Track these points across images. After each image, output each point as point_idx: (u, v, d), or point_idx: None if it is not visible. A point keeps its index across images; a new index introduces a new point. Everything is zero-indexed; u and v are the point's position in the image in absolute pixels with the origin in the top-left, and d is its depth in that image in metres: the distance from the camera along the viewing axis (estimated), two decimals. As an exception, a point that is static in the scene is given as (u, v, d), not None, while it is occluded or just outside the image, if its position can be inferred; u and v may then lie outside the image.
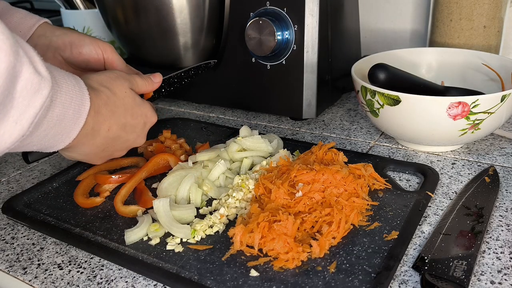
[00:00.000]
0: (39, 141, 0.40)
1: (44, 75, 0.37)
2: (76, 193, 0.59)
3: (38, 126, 0.38)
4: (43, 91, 0.36)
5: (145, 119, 0.53)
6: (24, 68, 0.35)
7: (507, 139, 0.69)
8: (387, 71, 0.62)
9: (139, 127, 0.52)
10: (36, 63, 0.36)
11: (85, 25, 0.99)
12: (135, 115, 0.51)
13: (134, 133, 0.52)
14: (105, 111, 0.46)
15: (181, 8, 0.77)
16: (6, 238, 0.54)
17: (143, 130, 0.54)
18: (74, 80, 0.42)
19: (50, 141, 0.41)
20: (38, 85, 0.36)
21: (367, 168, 0.56)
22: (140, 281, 0.46)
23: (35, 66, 0.36)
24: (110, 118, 0.47)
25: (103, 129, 0.47)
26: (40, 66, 0.37)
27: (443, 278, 0.41)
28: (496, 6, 0.76)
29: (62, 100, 0.40)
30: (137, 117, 0.51)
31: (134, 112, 0.51)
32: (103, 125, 0.46)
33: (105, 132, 0.47)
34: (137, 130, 0.52)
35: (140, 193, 0.58)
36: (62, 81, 0.40)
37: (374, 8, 1.00)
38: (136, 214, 0.55)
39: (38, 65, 0.36)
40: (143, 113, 0.52)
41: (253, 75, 0.76)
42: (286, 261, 0.44)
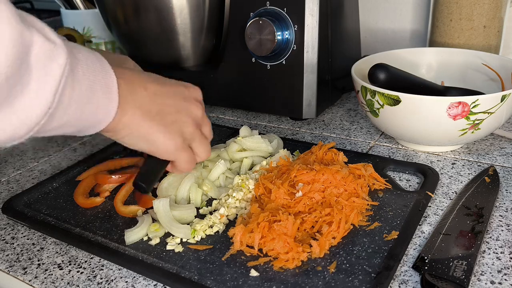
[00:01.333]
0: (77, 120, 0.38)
1: (57, 42, 0.35)
2: (76, 193, 0.59)
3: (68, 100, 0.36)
4: (59, 58, 0.34)
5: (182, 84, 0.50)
6: (34, 37, 0.33)
7: (507, 139, 0.69)
8: (387, 71, 0.62)
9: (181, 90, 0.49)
10: (45, 32, 0.34)
11: (85, 25, 0.99)
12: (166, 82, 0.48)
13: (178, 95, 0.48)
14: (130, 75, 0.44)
15: (181, 8, 0.77)
16: (6, 238, 0.54)
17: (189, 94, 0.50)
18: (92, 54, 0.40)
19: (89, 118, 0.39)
20: (52, 52, 0.34)
21: (367, 168, 0.57)
22: (140, 281, 0.46)
23: (45, 34, 0.34)
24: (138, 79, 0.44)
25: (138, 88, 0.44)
26: (51, 35, 0.35)
27: (443, 278, 0.41)
28: (496, 6, 0.76)
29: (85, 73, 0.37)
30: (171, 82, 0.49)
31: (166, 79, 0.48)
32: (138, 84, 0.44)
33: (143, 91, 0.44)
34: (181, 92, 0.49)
35: (140, 194, 0.58)
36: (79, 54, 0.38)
37: (374, 8, 1.00)
38: (136, 214, 0.55)
39: (48, 33, 0.35)
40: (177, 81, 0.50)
41: (253, 75, 0.76)
42: (286, 261, 0.44)
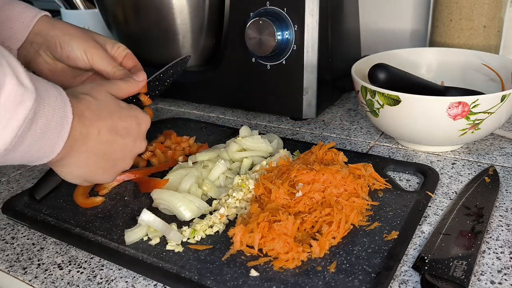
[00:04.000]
0: (22, 156, 0.39)
1: (28, 86, 0.36)
2: (76, 193, 0.59)
3: (21, 140, 0.37)
4: (27, 102, 0.35)
5: (137, 120, 0.51)
6: (7, 79, 0.34)
7: (507, 139, 0.69)
8: (387, 71, 0.62)
9: (133, 129, 0.50)
10: (19, 74, 0.35)
11: (85, 25, 0.99)
12: (123, 117, 0.49)
13: (129, 136, 0.50)
14: (89, 114, 0.45)
15: (181, 8, 0.77)
16: (6, 238, 0.54)
17: (139, 133, 0.52)
18: (56, 91, 0.41)
19: (34, 155, 0.40)
20: (22, 96, 0.35)
21: (367, 168, 0.57)
22: (140, 281, 0.46)
23: (18, 77, 0.35)
24: (96, 121, 0.46)
25: (92, 132, 0.45)
26: (24, 77, 0.35)
27: (443, 278, 0.41)
28: (496, 6, 0.76)
29: (45, 112, 0.39)
30: (126, 119, 0.49)
31: (122, 113, 0.49)
32: (91, 128, 0.45)
33: (96, 135, 0.46)
34: (132, 132, 0.50)
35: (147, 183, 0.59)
36: (45, 92, 0.39)
37: (374, 8, 1.00)
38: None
39: (21, 76, 0.35)
40: (132, 114, 0.50)
41: (253, 75, 0.76)
42: (286, 261, 0.44)
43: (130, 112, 0.50)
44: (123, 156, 0.50)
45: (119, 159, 0.50)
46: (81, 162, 0.46)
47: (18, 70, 0.35)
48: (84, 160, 0.46)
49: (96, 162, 0.47)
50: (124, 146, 0.50)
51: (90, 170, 0.48)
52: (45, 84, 0.40)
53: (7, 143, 0.35)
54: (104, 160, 0.48)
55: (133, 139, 0.51)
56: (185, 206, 0.52)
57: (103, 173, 0.49)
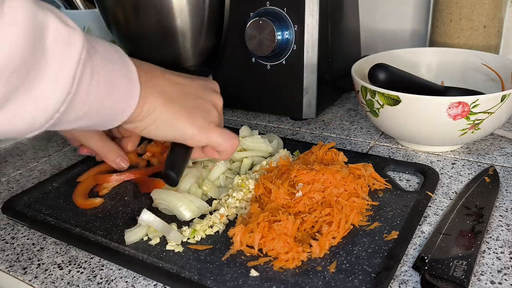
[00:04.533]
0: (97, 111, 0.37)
1: (74, 26, 0.34)
2: (75, 194, 0.59)
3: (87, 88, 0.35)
4: (76, 43, 0.33)
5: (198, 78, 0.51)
6: (49, 19, 0.32)
7: (507, 139, 0.69)
8: (387, 71, 0.62)
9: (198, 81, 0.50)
10: (61, 16, 0.34)
11: (85, 25, 0.99)
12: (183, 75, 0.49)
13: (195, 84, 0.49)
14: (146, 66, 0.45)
15: (181, 8, 0.77)
16: (6, 238, 0.54)
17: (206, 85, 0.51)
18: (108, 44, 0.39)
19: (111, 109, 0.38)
20: (69, 36, 0.33)
21: (367, 168, 0.57)
22: (140, 281, 0.46)
23: (61, 18, 0.33)
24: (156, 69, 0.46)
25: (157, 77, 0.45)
26: (67, 20, 0.34)
27: (443, 278, 0.41)
28: (496, 6, 0.76)
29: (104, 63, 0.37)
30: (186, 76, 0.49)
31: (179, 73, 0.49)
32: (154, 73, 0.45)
33: (162, 78, 0.45)
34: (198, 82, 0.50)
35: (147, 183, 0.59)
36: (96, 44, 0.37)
37: (374, 8, 1.00)
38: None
39: (64, 18, 0.34)
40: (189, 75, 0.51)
41: (253, 75, 0.76)
42: (286, 261, 0.44)
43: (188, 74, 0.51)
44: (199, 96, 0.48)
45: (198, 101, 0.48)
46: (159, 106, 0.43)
47: (60, 14, 0.34)
48: (161, 102, 0.43)
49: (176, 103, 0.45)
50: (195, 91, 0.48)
51: (173, 113, 0.45)
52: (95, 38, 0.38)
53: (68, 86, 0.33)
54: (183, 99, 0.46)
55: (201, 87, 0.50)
56: (185, 206, 0.52)
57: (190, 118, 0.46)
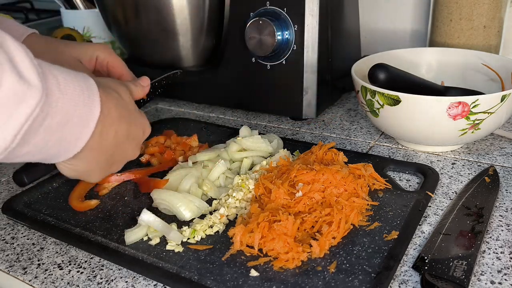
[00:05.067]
0: (39, 150, 0.37)
1: (33, 82, 0.33)
2: (71, 197, 0.58)
3: (32, 135, 0.35)
4: (30, 101, 0.33)
5: (143, 128, 0.50)
6: (4, 76, 0.31)
7: (507, 139, 0.69)
8: (387, 71, 0.62)
9: (139, 137, 0.50)
10: (23, 68, 0.33)
11: (85, 25, 0.99)
12: (137, 123, 0.48)
13: (134, 142, 0.49)
14: (114, 113, 0.43)
15: (181, 8, 0.77)
16: (6, 238, 0.54)
17: (140, 141, 0.51)
18: (84, 84, 0.38)
19: (54, 149, 0.38)
20: (24, 94, 0.32)
21: (367, 168, 0.57)
22: (140, 281, 0.46)
23: (21, 72, 0.32)
24: (118, 122, 0.44)
25: (111, 132, 0.44)
26: (29, 72, 0.33)
27: (443, 278, 0.41)
28: (496, 6, 0.76)
29: (65, 107, 0.36)
30: (138, 126, 0.49)
31: (136, 119, 0.48)
32: (111, 128, 0.43)
33: (113, 135, 0.44)
34: (138, 139, 0.50)
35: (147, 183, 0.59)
36: (68, 87, 0.37)
37: (374, 8, 1.00)
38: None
39: (26, 71, 0.33)
40: (142, 122, 0.50)
41: (253, 75, 0.76)
42: (286, 261, 0.44)
43: (142, 118, 0.50)
44: (121, 159, 0.49)
45: (116, 162, 0.49)
46: (87, 160, 0.44)
47: (21, 65, 0.33)
48: (91, 157, 0.44)
49: (99, 162, 0.46)
50: (127, 151, 0.49)
51: (90, 169, 0.46)
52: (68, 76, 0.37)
53: (8, 142, 0.33)
54: (106, 161, 0.47)
55: (135, 146, 0.50)
56: (185, 206, 0.52)
57: (98, 173, 0.48)
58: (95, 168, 0.46)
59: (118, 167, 0.50)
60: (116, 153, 0.47)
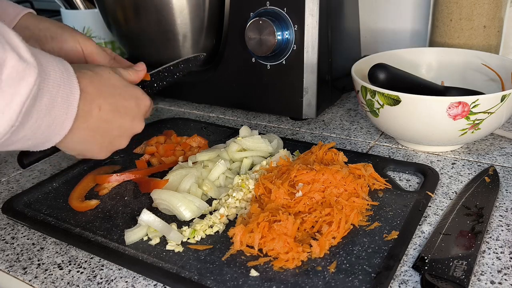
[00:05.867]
0: (32, 133, 0.39)
1: (30, 61, 0.35)
2: (71, 197, 0.58)
3: (27, 116, 0.37)
4: (29, 78, 0.35)
5: (136, 101, 0.50)
6: (8, 56, 0.34)
7: (507, 139, 0.69)
8: (387, 71, 0.62)
9: (132, 109, 0.50)
10: (20, 49, 0.35)
11: (85, 25, 0.99)
12: (124, 95, 0.49)
13: (128, 115, 0.49)
14: (91, 89, 0.44)
15: (181, 8, 0.77)
16: (6, 238, 0.54)
17: (139, 113, 0.51)
18: (62, 66, 0.40)
19: (45, 133, 0.40)
20: (24, 72, 0.35)
21: (367, 168, 0.57)
22: (140, 281, 0.46)
23: (19, 53, 0.35)
24: (98, 97, 0.45)
25: (93, 109, 0.45)
26: (25, 52, 0.35)
27: (443, 278, 0.41)
28: (496, 6, 0.76)
29: (50, 88, 0.38)
30: (127, 98, 0.49)
31: (123, 92, 0.49)
32: (93, 104, 0.44)
33: (97, 112, 0.45)
34: (132, 112, 0.50)
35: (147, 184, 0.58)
36: (50, 68, 0.38)
37: (374, 8, 1.00)
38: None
39: (22, 51, 0.35)
40: (133, 93, 0.50)
41: (253, 75, 0.76)
42: (286, 261, 0.44)
43: (131, 90, 0.50)
44: (120, 134, 0.50)
45: (116, 137, 0.50)
46: (79, 138, 0.45)
47: (18, 46, 0.35)
48: (83, 136, 0.45)
49: (94, 139, 0.47)
50: (123, 125, 0.49)
51: (87, 146, 0.47)
52: (49, 59, 0.39)
53: (13, 119, 0.35)
54: (102, 137, 0.47)
55: (131, 119, 0.50)
56: (185, 206, 0.52)
57: (99, 150, 0.49)
58: (92, 146, 0.47)
59: (121, 142, 0.51)
60: (110, 129, 0.48)
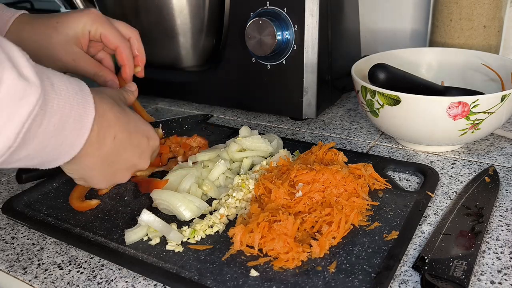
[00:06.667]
0: (37, 153, 0.37)
1: (32, 80, 0.33)
2: (71, 197, 0.58)
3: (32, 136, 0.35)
4: (30, 97, 0.33)
5: (148, 137, 0.50)
6: (5, 74, 0.32)
7: (507, 139, 0.69)
8: (387, 71, 0.62)
9: (143, 144, 0.49)
10: (21, 67, 0.33)
11: (85, 25, 0.99)
12: (138, 129, 0.48)
13: (138, 149, 0.48)
14: (110, 115, 0.43)
15: (181, 8, 0.77)
16: (6, 238, 0.54)
17: (147, 149, 0.50)
18: (77, 86, 0.39)
19: (52, 153, 0.38)
20: (23, 91, 0.33)
21: (367, 168, 0.56)
22: (140, 281, 0.46)
23: (19, 71, 0.33)
24: (115, 124, 0.44)
25: (108, 136, 0.43)
26: (27, 70, 0.34)
27: (443, 278, 0.41)
28: (496, 6, 0.76)
29: (61, 107, 0.36)
30: (140, 132, 0.48)
31: (137, 125, 0.48)
32: (109, 131, 0.43)
33: (111, 140, 0.44)
34: (142, 146, 0.49)
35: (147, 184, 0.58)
36: (62, 87, 0.37)
37: (374, 8, 1.00)
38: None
39: (24, 69, 0.33)
40: (146, 129, 0.50)
41: (253, 75, 0.76)
42: (286, 261, 0.44)
43: (145, 127, 0.50)
44: (125, 168, 0.49)
45: (120, 170, 0.49)
46: (87, 165, 0.44)
47: (20, 64, 0.33)
48: (91, 163, 0.44)
49: (101, 167, 0.46)
50: (131, 158, 0.48)
51: (92, 173, 0.46)
52: (62, 79, 0.38)
53: (11, 140, 0.33)
54: (109, 168, 0.46)
55: (140, 155, 0.49)
56: (185, 206, 0.52)
57: (102, 179, 0.48)
58: (96, 175, 0.46)
59: (123, 176, 0.50)
60: (118, 161, 0.47)
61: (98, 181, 0.48)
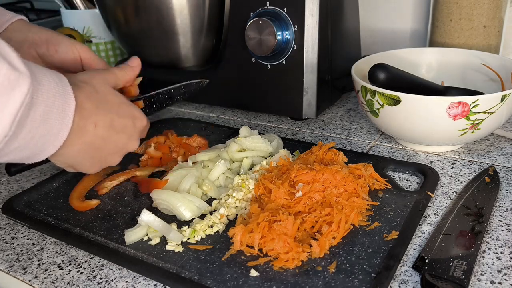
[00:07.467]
0: (26, 144, 0.38)
1: (22, 70, 0.35)
2: (71, 197, 0.58)
3: (21, 126, 0.36)
4: (22, 87, 0.35)
5: (133, 119, 0.50)
6: None
7: (507, 139, 0.69)
8: (387, 71, 0.62)
9: (128, 127, 0.49)
10: (12, 58, 0.35)
11: (85, 25, 0.99)
12: (121, 113, 0.48)
13: (124, 133, 0.49)
14: (88, 105, 0.44)
15: (181, 8, 0.77)
16: (6, 238, 0.54)
17: (134, 131, 0.51)
18: (56, 77, 0.40)
19: (38, 143, 0.39)
20: (16, 80, 0.34)
21: (367, 168, 0.57)
22: (140, 281, 0.46)
23: (10, 62, 0.34)
24: (95, 113, 0.45)
25: (89, 125, 0.44)
26: (17, 62, 0.35)
27: (443, 278, 0.41)
28: (496, 6, 0.76)
29: (44, 98, 0.38)
30: (124, 116, 0.49)
31: (120, 109, 0.48)
32: (89, 120, 0.44)
33: (92, 128, 0.44)
34: (127, 130, 0.49)
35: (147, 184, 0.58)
36: (43, 78, 0.38)
37: (374, 8, 1.00)
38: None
39: (14, 60, 0.35)
40: (130, 111, 0.50)
41: (253, 75, 0.76)
42: (286, 261, 0.44)
43: (128, 108, 0.50)
44: (113, 152, 0.49)
45: (109, 154, 0.49)
46: (73, 153, 0.45)
47: (10, 55, 0.35)
48: (76, 151, 0.45)
49: (87, 154, 0.46)
50: (117, 143, 0.49)
51: (79, 161, 0.47)
52: (42, 70, 0.39)
53: (7, 128, 0.35)
54: (95, 153, 0.47)
55: (127, 137, 0.50)
56: (185, 206, 0.52)
57: (91, 165, 0.48)
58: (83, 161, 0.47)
59: (114, 159, 0.51)
60: (104, 147, 0.47)
61: (87, 167, 0.49)
